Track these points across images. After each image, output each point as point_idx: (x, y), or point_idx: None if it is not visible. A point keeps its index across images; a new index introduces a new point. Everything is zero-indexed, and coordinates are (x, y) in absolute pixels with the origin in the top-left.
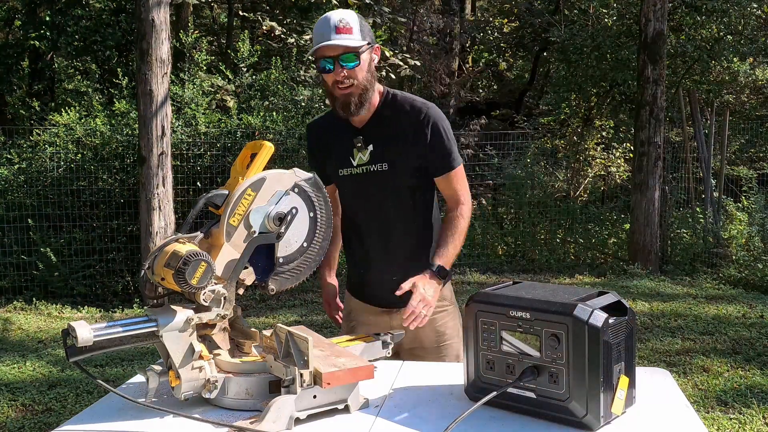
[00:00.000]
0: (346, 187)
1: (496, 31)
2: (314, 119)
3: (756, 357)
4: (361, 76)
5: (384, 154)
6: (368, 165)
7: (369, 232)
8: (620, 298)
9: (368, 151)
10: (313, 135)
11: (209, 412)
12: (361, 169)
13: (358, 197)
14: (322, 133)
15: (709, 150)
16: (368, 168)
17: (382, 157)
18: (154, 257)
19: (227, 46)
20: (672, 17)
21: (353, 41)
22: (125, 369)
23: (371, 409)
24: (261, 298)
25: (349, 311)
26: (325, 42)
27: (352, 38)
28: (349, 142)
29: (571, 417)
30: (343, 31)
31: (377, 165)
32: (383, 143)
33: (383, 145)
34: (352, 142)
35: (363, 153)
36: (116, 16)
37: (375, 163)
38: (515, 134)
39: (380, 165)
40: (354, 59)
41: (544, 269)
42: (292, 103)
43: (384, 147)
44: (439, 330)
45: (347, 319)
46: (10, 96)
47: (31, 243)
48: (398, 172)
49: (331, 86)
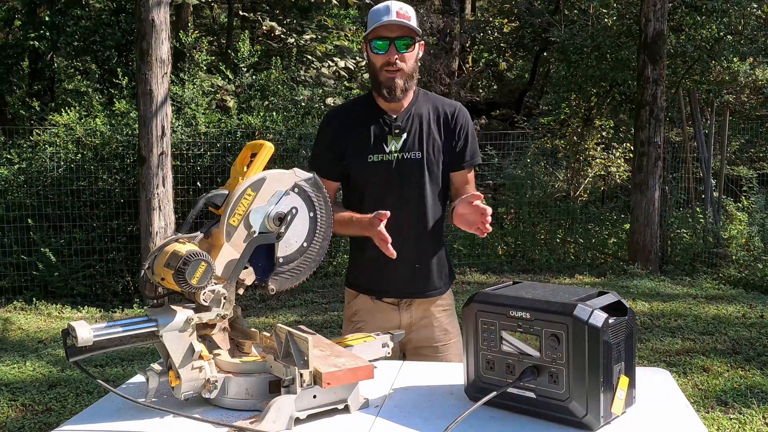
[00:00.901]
0: (376, 173)
1: (496, 31)
2: (335, 107)
3: (756, 357)
4: (411, 63)
5: (417, 143)
6: (402, 152)
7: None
8: (620, 298)
9: (402, 138)
10: (334, 121)
11: (209, 412)
12: (395, 155)
13: (389, 184)
14: (344, 119)
15: (709, 150)
16: (402, 155)
17: (415, 146)
18: (154, 257)
19: (227, 46)
20: (672, 17)
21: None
22: (125, 369)
23: (371, 409)
24: (261, 298)
25: (354, 311)
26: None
27: (410, 23)
28: (381, 129)
29: (571, 417)
30: (404, 17)
31: (411, 153)
32: (417, 132)
33: (417, 134)
34: (386, 129)
35: (397, 140)
36: (116, 16)
37: (408, 151)
38: (515, 134)
39: (414, 153)
40: (409, 44)
41: (544, 269)
42: (292, 103)
43: (418, 136)
44: (446, 329)
45: (351, 320)
46: (10, 96)
47: (31, 243)
48: (429, 161)
49: (379, 68)
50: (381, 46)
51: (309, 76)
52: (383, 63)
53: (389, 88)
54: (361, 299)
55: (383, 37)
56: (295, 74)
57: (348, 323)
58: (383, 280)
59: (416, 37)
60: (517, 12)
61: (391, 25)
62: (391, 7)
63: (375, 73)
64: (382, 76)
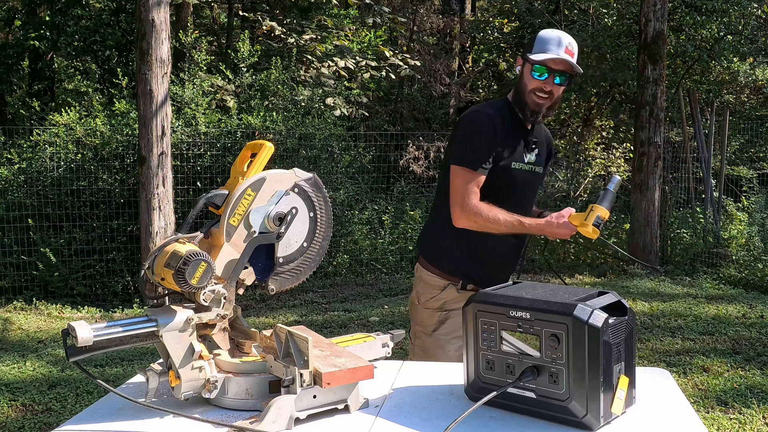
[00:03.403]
0: (512, 179)
1: (496, 31)
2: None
3: (756, 357)
4: (558, 94)
5: (541, 159)
6: (534, 165)
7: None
8: (620, 298)
9: (534, 153)
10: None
11: (209, 412)
12: (530, 167)
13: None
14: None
15: (709, 150)
16: (533, 168)
17: (540, 162)
18: (154, 257)
19: (227, 46)
20: (672, 17)
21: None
22: (125, 369)
23: (371, 409)
24: (261, 298)
25: (443, 302)
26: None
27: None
28: (523, 141)
29: (571, 417)
30: (570, 53)
31: (538, 167)
32: (541, 152)
33: (541, 153)
34: (526, 141)
35: (531, 154)
36: (116, 16)
37: (537, 165)
38: None
39: (539, 168)
40: (565, 80)
41: (544, 269)
42: (292, 103)
43: (541, 154)
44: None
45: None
46: (10, 96)
47: (31, 243)
48: (542, 177)
49: (530, 90)
50: (542, 73)
51: (309, 76)
52: (536, 88)
53: (534, 111)
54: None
55: (548, 67)
56: (295, 74)
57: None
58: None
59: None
60: (517, 12)
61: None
62: (562, 41)
63: (524, 92)
64: (531, 98)
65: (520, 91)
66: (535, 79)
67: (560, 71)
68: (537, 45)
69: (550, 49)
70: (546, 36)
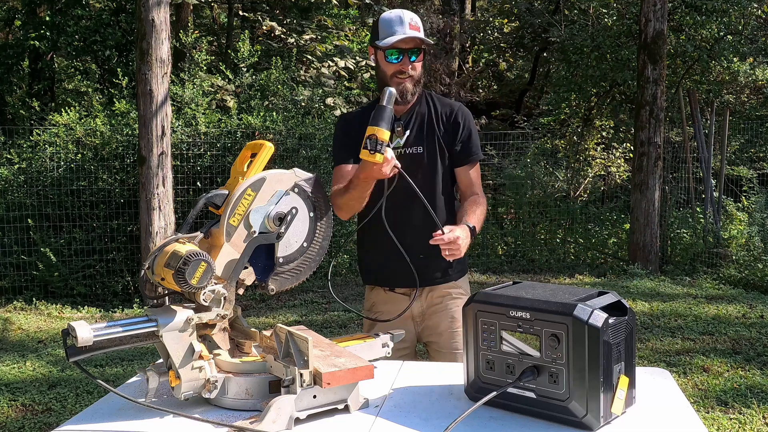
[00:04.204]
0: None
1: (496, 31)
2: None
3: (756, 357)
4: (419, 69)
5: (419, 138)
6: (404, 148)
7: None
8: (620, 298)
9: (405, 135)
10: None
11: (209, 412)
12: (398, 151)
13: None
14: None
15: (709, 150)
16: (404, 150)
17: (417, 142)
18: (154, 257)
19: (227, 46)
20: (672, 17)
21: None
22: (125, 369)
23: (371, 409)
24: (261, 298)
25: (372, 303)
26: (404, 34)
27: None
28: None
29: (571, 417)
30: (415, 28)
31: (413, 148)
32: (419, 130)
33: (419, 131)
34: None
35: (401, 138)
36: (116, 16)
37: (411, 146)
38: (515, 134)
39: (415, 148)
40: (419, 54)
41: (544, 269)
42: (292, 103)
43: (419, 133)
44: (454, 316)
45: (370, 311)
46: (10, 96)
47: (31, 243)
48: (431, 155)
49: (390, 75)
50: (395, 57)
51: (309, 76)
52: (395, 71)
53: (401, 92)
54: (376, 291)
55: (397, 48)
56: (295, 74)
57: (367, 314)
58: (394, 271)
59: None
60: (517, 12)
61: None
62: (404, 19)
63: (385, 79)
64: (394, 81)
65: (382, 80)
66: (391, 64)
67: (411, 49)
68: (382, 30)
69: (396, 31)
70: (388, 18)
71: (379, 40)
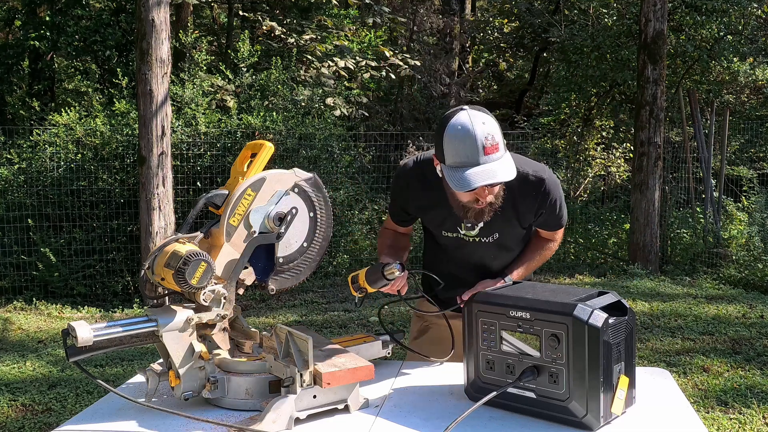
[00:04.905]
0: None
1: (496, 31)
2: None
3: (756, 357)
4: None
5: (493, 227)
6: (477, 237)
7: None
8: (620, 298)
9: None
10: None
11: (209, 412)
12: (470, 238)
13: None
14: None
15: (709, 150)
16: (477, 239)
17: (491, 231)
18: (154, 257)
19: (227, 46)
20: (672, 17)
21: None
22: (125, 369)
23: (371, 409)
24: (261, 298)
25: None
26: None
27: (500, 155)
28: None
29: (571, 417)
30: (491, 150)
31: (487, 238)
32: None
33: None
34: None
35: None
36: (116, 16)
37: (484, 236)
38: (515, 134)
39: (489, 237)
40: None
41: (544, 269)
42: (292, 103)
43: (493, 223)
44: None
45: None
46: (10, 96)
47: (31, 243)
48: (506, 239)
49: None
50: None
51: (309, 76)
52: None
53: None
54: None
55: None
56: (295, 74)
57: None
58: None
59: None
60: (517, 12)
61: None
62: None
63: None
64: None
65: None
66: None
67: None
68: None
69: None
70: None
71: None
